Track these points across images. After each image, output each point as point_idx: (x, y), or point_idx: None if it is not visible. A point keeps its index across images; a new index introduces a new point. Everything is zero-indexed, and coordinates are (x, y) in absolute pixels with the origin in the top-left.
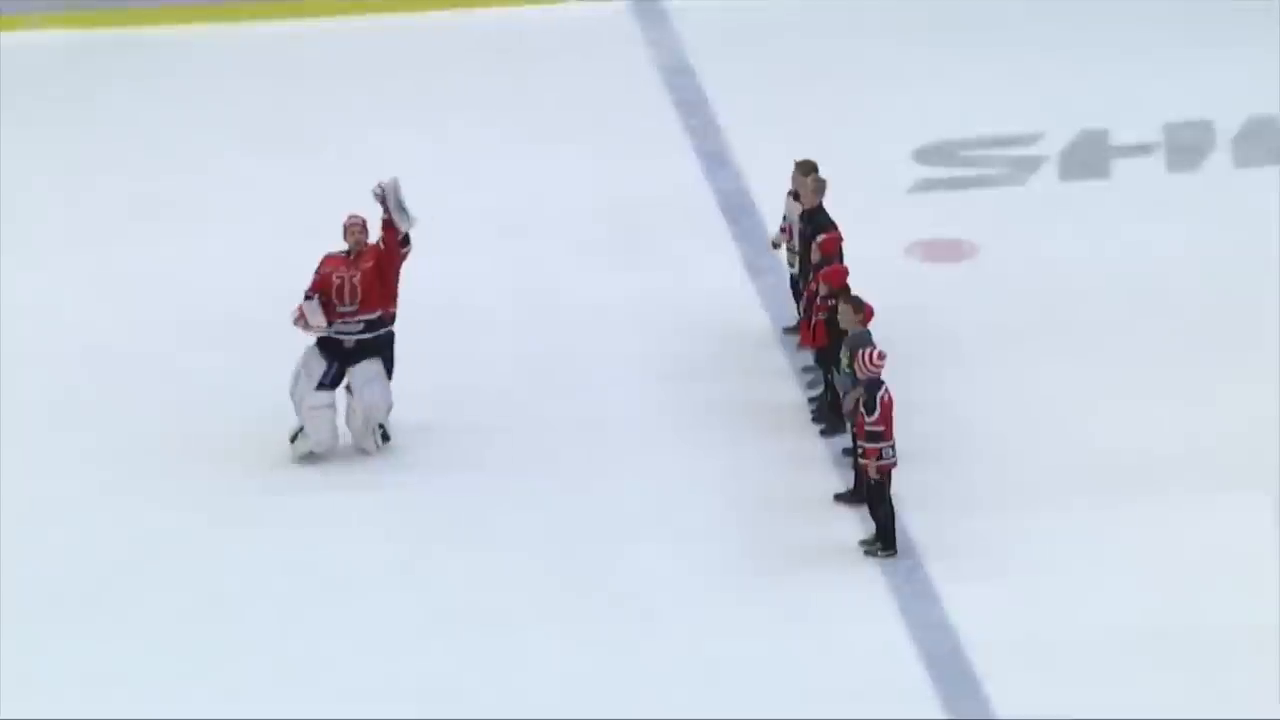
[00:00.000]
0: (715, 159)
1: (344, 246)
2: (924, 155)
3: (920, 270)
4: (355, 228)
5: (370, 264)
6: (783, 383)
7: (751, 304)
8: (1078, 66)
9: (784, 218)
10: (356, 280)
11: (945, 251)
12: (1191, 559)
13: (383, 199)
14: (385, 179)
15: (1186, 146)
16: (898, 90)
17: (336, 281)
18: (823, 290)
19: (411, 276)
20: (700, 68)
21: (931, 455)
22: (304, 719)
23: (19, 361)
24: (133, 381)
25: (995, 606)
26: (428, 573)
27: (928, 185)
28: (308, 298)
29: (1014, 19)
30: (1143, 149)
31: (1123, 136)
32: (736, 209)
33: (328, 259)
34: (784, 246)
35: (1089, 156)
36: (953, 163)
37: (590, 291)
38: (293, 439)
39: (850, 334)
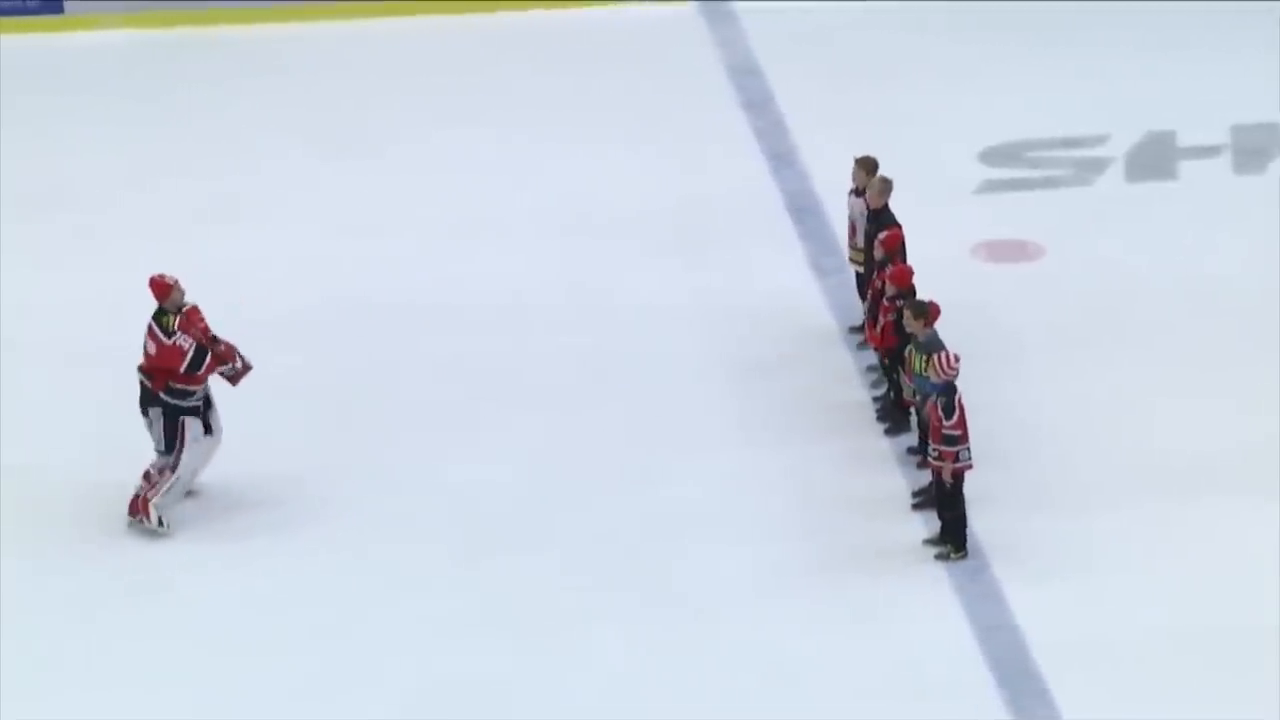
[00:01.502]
0: (781, 159)
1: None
2: (989, 156)
3: (984, 271)
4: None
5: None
6: (847, 382)
7: (816, 303)
8: (1145, 68)
9: (850, 218)
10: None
11: (1010, 252)
12: (1252, 561)
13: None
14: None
15: (1254, 149)
16: (963, 91)
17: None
18: (889, 290)
19: (476, 274)
20: (767, 68)
21: (994, 455)
22: (374, 711)
23: (82, 356)
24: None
25: (1059, 607)
26: (489, 571)
27: (993, 186)
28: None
29: (1080, 20)
30: (1210, 151)
31: (1190, 138)
32: (802, 209)
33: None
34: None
35: (1156, 158)
36: (1018, 164)
37: (655, 290)
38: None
39: (922, 339)
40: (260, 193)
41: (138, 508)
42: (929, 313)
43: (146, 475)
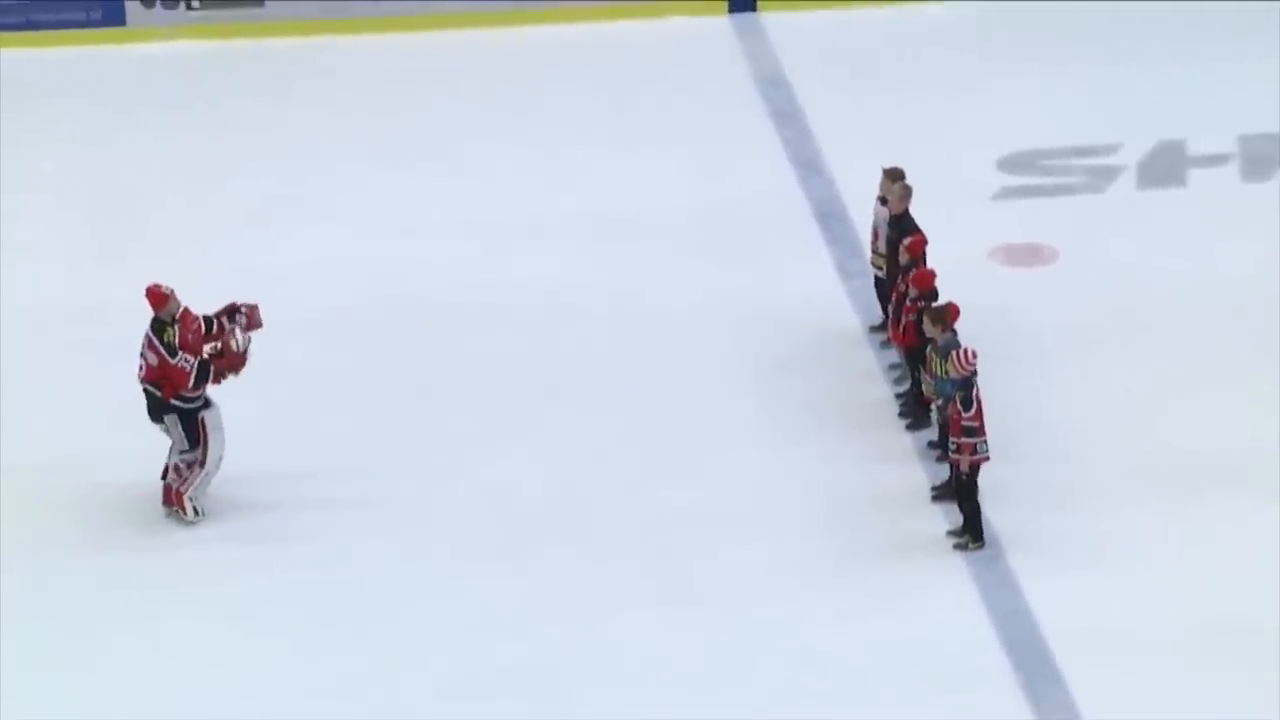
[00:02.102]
0: (808, 167)
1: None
2: (1007, 164)
3: (1001, 274)
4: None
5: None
6: (871, 379)
7: (842, 305)
8: (1155, 80)
9: (874, 224)
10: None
11: (1026, 256)
12: (1261, 557)
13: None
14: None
15: (1261, 157)
16: (982, 101)
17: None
18: (912, 293)
19: (515, 276)
20: (794, 79)
21: (1011, 451)
22: (415, 699)
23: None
24: (243, 377)
25: (1073, 597)
26: (527, 562)
27: (1010, 193)
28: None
29: (1094, 34)
30: (1218, 159)
31: (1199, 147)
32: (828, 215)
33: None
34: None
35: (1166, 166)
36: (1034, 171)
37: (686, 292)
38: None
39: (941, 343)
40: (309, 196)
41: (171, 500)
42: (947, 317)
43: (176, 469)
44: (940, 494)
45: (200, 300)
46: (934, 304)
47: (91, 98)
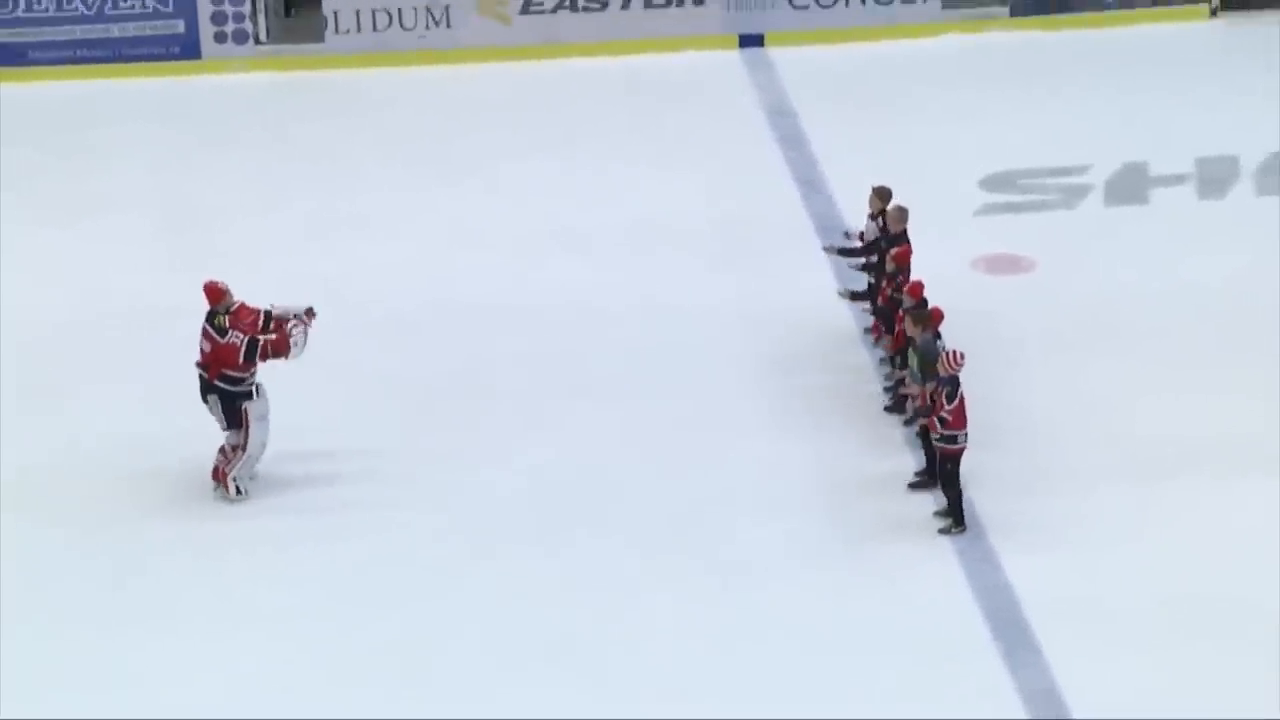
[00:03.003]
0: (811, 186)
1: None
2: (988, 183)
3: (983, 281)
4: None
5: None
6: (865, 377)
7: (840, 310)
8: (1122, 107)
9: (861, 234)
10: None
11: (1005, 266)
12: (1221, 535)
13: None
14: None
15: (1215, 178)
16: (967, 127)
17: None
18: (906, 302)
19: (550, 282)
20: (798, 108)
21: (993, 442)
22: (459, 665)
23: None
24: (305, 375)
25: (1048, 573)
26: (559, 542)
27: (991, 209)
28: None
29: (1067, 67)
30: (1177, 179)
31: (1160, 168)
32: (829, 229)
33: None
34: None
35: (1130, 185)
36: (1013, 190)
37: (701, 297)
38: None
39: (920, 343)
40: (364, 211)
41: (218, 477)
42: (928, 319)
43: (222, 450)
44: (918, 483)
45: (266, 304)
46: (917, 308)
47: (170, 123)
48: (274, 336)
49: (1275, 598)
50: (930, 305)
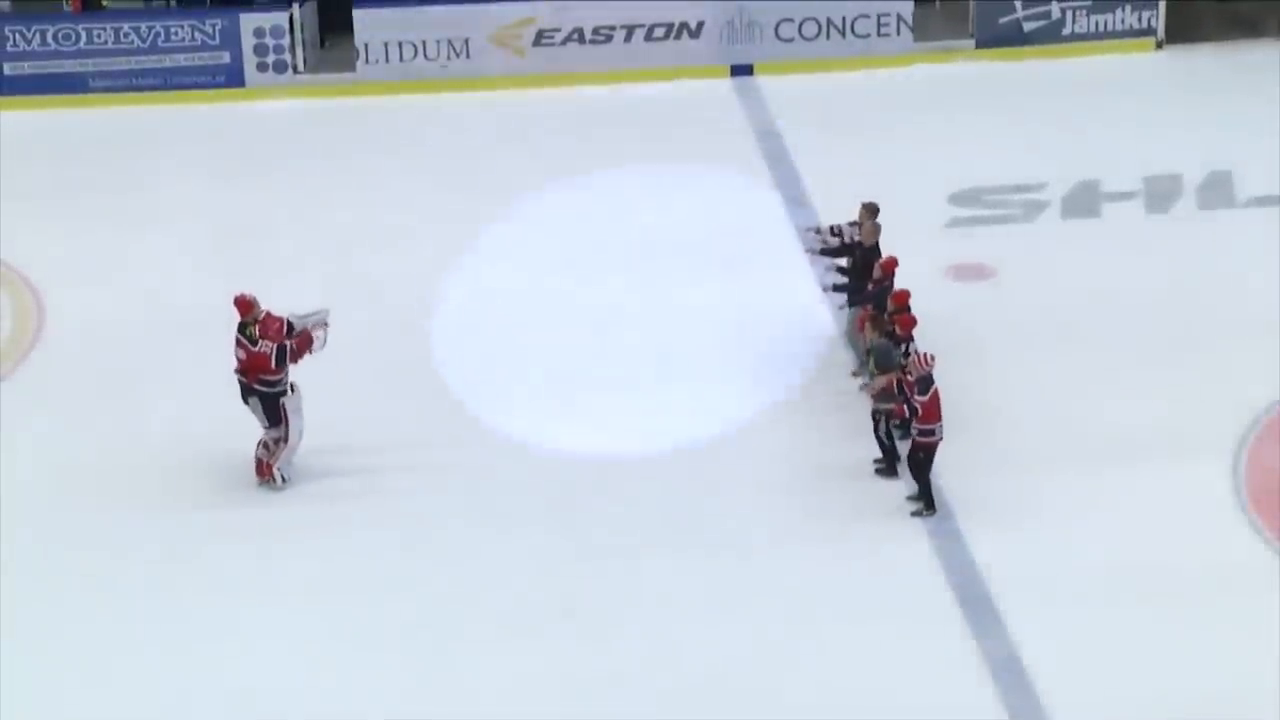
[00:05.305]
0: (795, 201)
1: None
2: (957, 198)
3: (953, 288)
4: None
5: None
6: (845, 373)
7: (823, 312)
8: (1076, 130)
9: (842, 229)
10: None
11: (972, 273)
12: (1162, 513)
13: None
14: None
15: (1161, 194)
16: (937, 148)
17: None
18: (891, 307)
19: (562, 287)
20: (784, 130)
21: (961, 430)
22: (480, 629)
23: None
24: (339, 370)
25: (1010, 548)
26: (575, 516)
27: (959, 222)
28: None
29: (1028, 93)
30: (1127, 195)
31: (1111, 186)
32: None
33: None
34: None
35: (1084, 201)
36: (979, 205)
37: (701, 300)
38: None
39: (876, 345)
40: (394, 226)
41: (263, 471)
42: (884, 325)
43: (265, 445)
44: (881, 469)
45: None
46: (881, 314)
47: (217, 146)
48: (299, 340)
49: (1204, 565)
50: (907, 313)
